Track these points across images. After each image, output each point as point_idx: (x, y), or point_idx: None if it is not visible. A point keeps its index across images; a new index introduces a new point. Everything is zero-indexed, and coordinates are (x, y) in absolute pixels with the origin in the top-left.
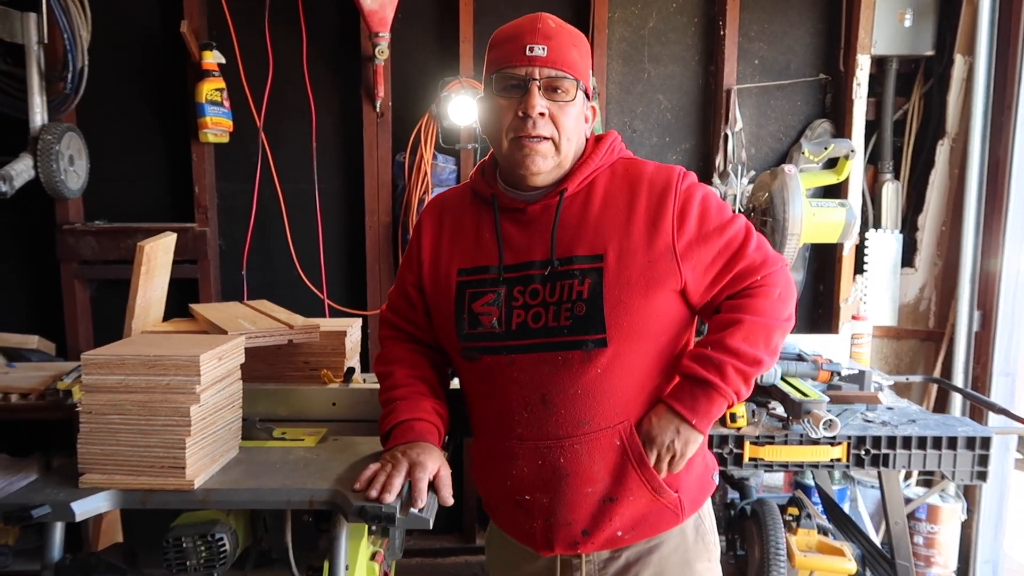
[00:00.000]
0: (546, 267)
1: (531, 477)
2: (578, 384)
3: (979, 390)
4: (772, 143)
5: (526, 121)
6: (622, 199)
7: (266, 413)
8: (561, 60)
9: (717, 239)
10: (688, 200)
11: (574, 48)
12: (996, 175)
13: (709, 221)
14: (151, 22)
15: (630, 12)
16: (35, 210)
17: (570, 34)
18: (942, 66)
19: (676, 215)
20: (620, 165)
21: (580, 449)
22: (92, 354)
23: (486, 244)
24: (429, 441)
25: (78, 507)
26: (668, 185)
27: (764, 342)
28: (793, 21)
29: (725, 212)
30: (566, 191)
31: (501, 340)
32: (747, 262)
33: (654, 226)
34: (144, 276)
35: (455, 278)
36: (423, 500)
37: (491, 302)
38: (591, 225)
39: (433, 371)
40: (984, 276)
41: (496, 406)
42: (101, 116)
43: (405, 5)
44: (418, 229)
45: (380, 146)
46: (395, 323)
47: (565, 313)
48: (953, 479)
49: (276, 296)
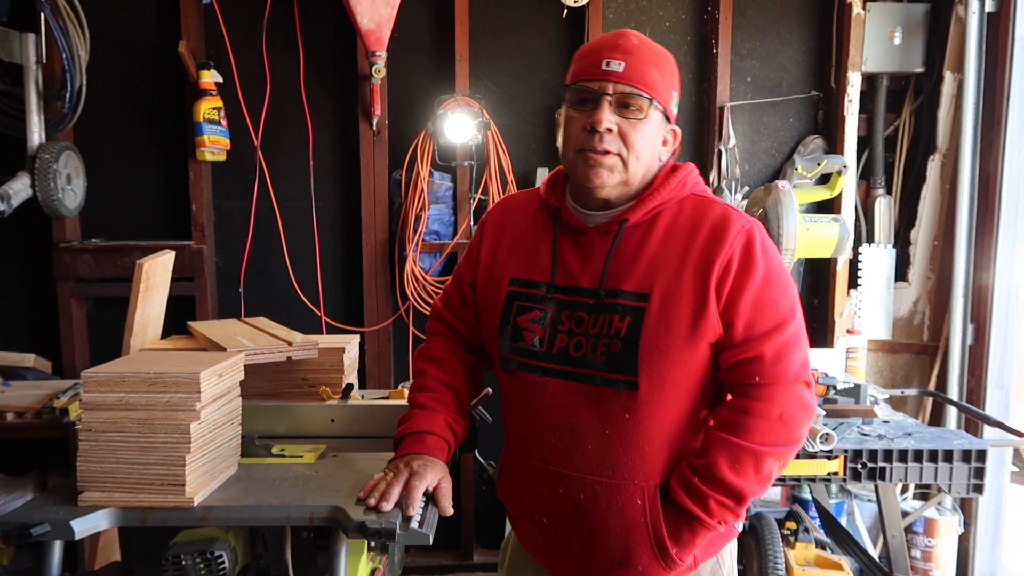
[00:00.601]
0: (592, 296)
1: (551, 503)
2: (606, 424)
3: (974, 403)
4: (765, 159)
5: (593, 135)
6: (681, 239)
7: (265, 430)
8: (637, 77)
9: (752, 305)
10: (742, 254)
11: (654, 67)
12: (987, 190)
13: (752, 283)
14: (149, 42)
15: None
16: (32, 228)
17: (652, 52)
18: (932, 83)
19: (723, 266)
20: (690, 202)
21: (600, 493)
22: (92, 372)
23: (541, 259)
24: (435, 456)
25: (77, 525)
26: (725, 233)
27: (754, 470)
28: (785, 39)
29: (774, 284)
30: (627, 221)
31: (539, 360)
32: (764, 352)
33: (702, 273)
34: (143, 294)
35: (507, 287)
36: (415, 508)
37: (537, 319)
38: (644, 261)
39: (465, 378)
40: (977, 290)
41: (527, 423)
42: (99, 135)
43: (401, 24)
44: (481, 228)
45: (377, 164)
46: (446, 318)
47: (602, 348)
48: (950, 492)
49: (273, 313)
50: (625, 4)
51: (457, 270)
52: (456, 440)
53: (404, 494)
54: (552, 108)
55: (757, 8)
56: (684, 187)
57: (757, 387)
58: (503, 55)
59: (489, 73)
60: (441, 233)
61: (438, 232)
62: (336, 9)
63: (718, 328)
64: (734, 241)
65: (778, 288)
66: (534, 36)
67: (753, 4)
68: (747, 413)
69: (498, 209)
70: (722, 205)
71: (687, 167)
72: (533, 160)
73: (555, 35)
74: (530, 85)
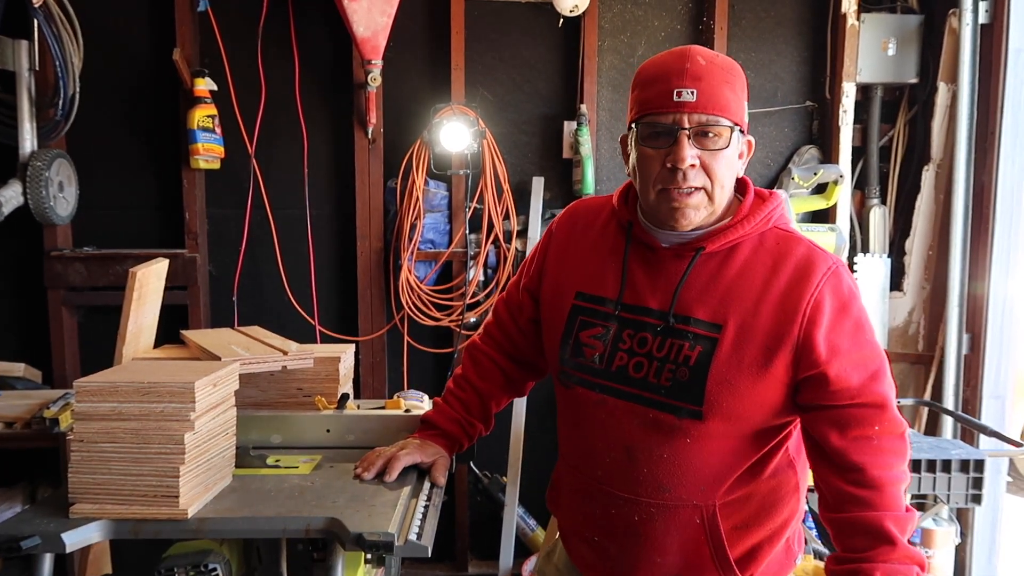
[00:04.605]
0: (661, 319)
1: (603, 522)
2: (664, 448)
3: (969, 413)
4: (761, 169)
5: (675, 174)
6: (761, 273)
7: (259, 440)
8: (713, 103)
9: (850, 348)
10: (834, 296)
11: (727, 86)
12: (981, 200)
13: (842, 330)
14: (143, 49)
15: (619, 41)
16: (23, 236)
17: (722, 70)
18: (926, 93)
19: (810, 308)
20: (772, 236)
21: (656, 515)
22: (85, 381)
23: (610, 274)
24: (435, 443)
25: (69, 538)
26: (812, 272)
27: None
28: (779, 50)
29: (863, 331)
30: (703, 249)
31: (597, 377)
32: (876, 399)
33: (784, 312)
34: (136, 302)
35: (571, 300)
36: (391, 476)
37: (598, 336)
38: (720, 290)
39: (499, 386)
40: (972, 299)
41: (581, 440)
42: (92, 142)
43: (397, 33)
44: (548, 235)
45: (372, 172)
46: (502, 317)
47: (667, 373)
48: (948, 502)
49: (267, 322)
50: (620, 14)
51: (522, 268)
52: (465, 438)
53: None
54: (547, 117)
55: (752, 19)
56: (768, 221)
57: (875, 438)
58: (499, 64)
59: (485, 82)
60: (436, 242)
61: (433, 241)
62: (332, 17)
63: (800, 369)
64: (822, 281)
65: (871, 330)
66: (530, 45)
67: (748, 15)
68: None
69: (566, 216)
70: (806, 243)
71: (774, 199)
72: (529, 169)
73: (551, 44)
74: (526, 94)
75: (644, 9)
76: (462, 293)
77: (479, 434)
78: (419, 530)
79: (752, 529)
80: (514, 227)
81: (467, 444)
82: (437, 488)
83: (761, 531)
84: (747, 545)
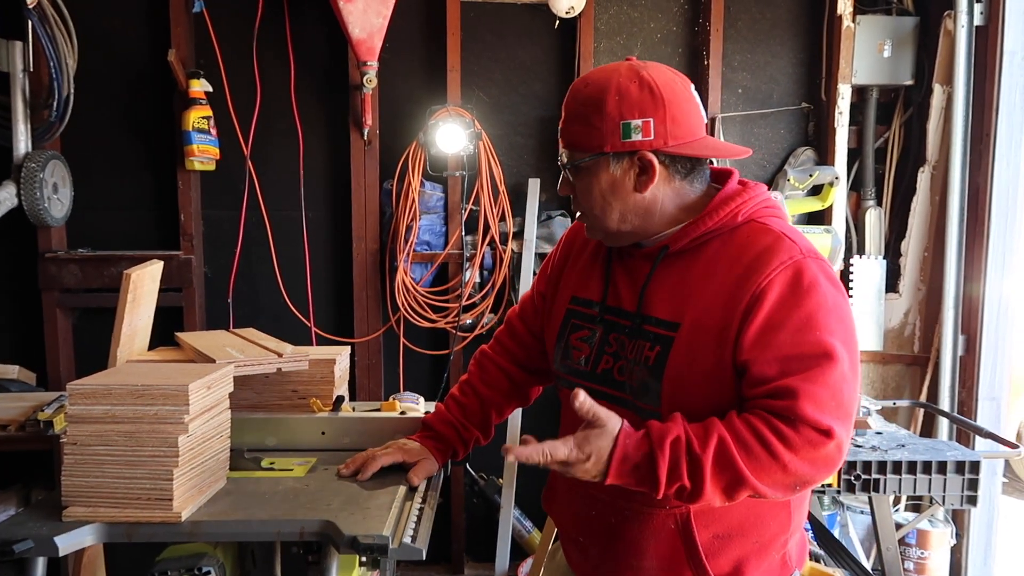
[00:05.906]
0: (630, 319)
1: (585, 522)
2: None
3: (965, 414)
4: (757, 170)
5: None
6: (724, 267)
7: (254, 443)
8: (567, 139)
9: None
10: (780, 288)
11: (579, 120)
12: (976, 202)
13: (781, 324)
14: (138, 50)
15: (615, 43)
16: (17, 238)
17: (580, 103)
18: (921, 95)
19: (752, 298)
20: (745, 230)
21: (631, 518)
22: (78, 384)
23: (596, 278)
24: (424, 446)
25: (62, 541)
26: (766, 263)
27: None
28: (775, 52)
29: (813, 329)
30: (667, 248)
31: (583, 379)
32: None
33: (731, 304)
34: (130, 304)
35: (567, 304)
36: (365, 476)
37: (585, 338)
38: (682, 288)
39: (503, 393)
40: (967, 301)
41: None
42: (86, 144)
43: (393, 34)
44: (559, 241)
45: (368, 174)
46: (514, 324)
47: (636, 374)
48: (943, 503)
49: (262, 324)
50: (616, 16)
51: (537, 276)
52: (460, 443)
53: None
54: (544, 119)
55: (748, 20)
56: (736, 216)
57: (784, 422)
58: (495, 66)
59: (481, 83)
60: (432, 243)
61: (429, 242)
62: (327, 19)
63: (736, 361)
64: (774, 272)
65: (833, 332)
66: (526, 47)
67: (744, 16)
68: (764, 440)
69: (575, 224)
70: (777, 235)
71: (746, 193)
72: (525, 171)
73: (547, 46)
74: (522, 96)
75: (640, 11)
76: (458, 295)
77: (476, 441)
78: (414, 533)
79: (735, 540)
80: (510, 229)
81: (462, 451)
82: (410, 489)
83: (746, 543)
84: (731, 557)
